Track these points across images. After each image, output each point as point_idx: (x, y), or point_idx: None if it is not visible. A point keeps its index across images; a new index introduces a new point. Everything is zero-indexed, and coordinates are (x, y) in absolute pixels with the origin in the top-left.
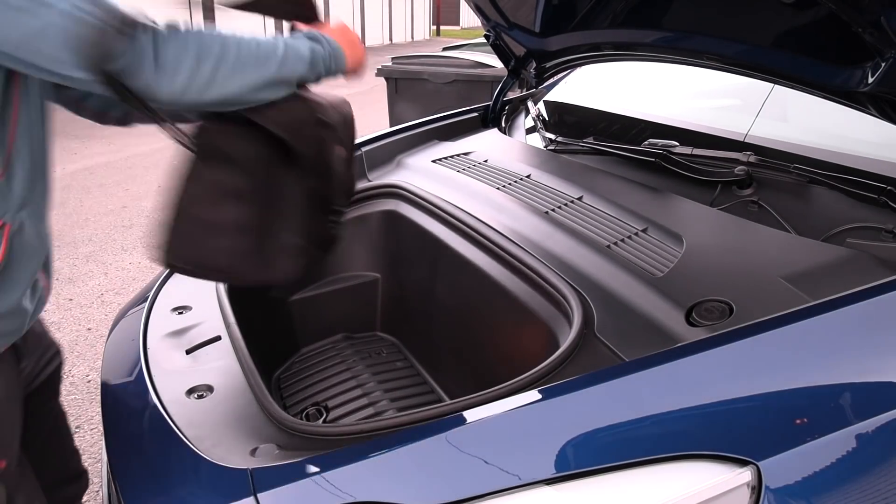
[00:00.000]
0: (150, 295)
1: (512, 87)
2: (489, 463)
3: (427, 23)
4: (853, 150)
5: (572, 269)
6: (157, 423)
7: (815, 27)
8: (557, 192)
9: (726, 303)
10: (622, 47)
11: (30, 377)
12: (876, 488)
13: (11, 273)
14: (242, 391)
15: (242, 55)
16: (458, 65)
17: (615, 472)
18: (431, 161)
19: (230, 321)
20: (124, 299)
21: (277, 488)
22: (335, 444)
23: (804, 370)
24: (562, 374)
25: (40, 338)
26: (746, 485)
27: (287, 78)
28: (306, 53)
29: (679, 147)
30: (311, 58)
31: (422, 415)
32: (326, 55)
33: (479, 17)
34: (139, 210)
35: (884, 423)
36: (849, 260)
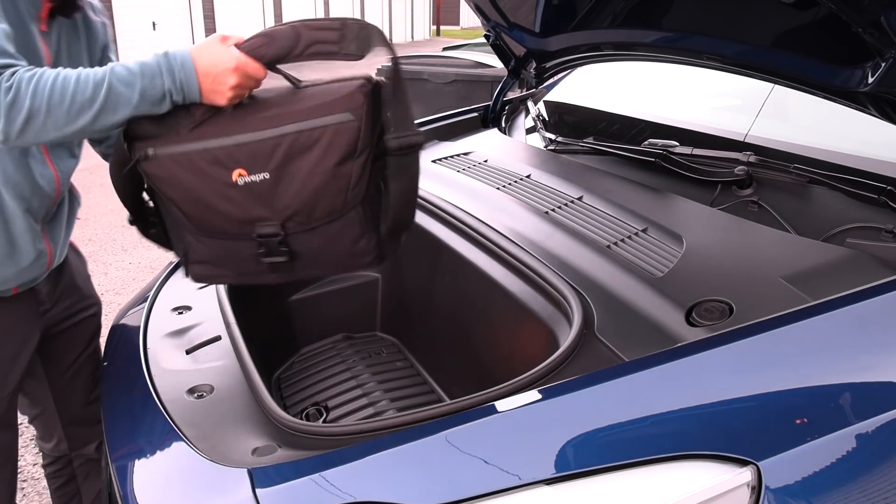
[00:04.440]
0: (150, 295)
1: (512, 87)
2: (489, 463)
3: (427, 23)
4: (853, 150)
5: (572, 269)
6: (157, 423)
7: (815, 27)
8: (557, 192)
9: (726, 303)
10: (622, 47)
11: (54, 320)
12: (876, 488)
13: None
14: (242, 391)
15: (59, 109)
16: (458, 65)
17: (615, 472)
18: (431, 161)
19: (230, 321)
20: (124, 299)
21: (277, 488)
22: (335, 444)
23: (804, 370)
24: (562, 374)
25: (77, 289)
26: (746, 485)
27: (112, 119)
28: (133, 96)
29: (679, 147)
30: (144, 97)
31: (422, 415)
32: (172, 88)
33: (479, 17)
34: None
35: (884, 423)
36: (849, 260)
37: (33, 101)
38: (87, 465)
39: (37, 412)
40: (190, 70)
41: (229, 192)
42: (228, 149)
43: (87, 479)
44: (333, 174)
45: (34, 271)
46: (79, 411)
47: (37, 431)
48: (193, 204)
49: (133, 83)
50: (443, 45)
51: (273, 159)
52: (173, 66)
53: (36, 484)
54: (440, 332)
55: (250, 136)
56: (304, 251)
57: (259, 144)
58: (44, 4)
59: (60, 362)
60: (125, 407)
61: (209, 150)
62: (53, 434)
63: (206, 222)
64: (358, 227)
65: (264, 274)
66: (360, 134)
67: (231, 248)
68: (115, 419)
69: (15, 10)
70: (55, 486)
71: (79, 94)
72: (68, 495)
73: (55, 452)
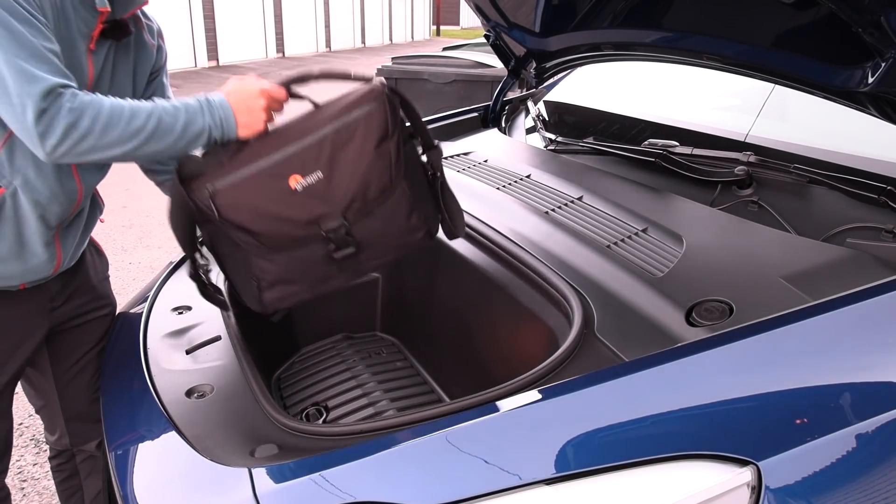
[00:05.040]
0: (150, 295)
1: (512, 87)
2: (489, 463)
3: (427, 23)
4: (853, 150)
5: (572, 269)
6: (157, 423)
7: (815, 27)
8: (557, 192)
9: (726, 303)
10: (622, 47)
11: (64, 317)
12: (876, 488)
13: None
14: (242, 391)
15: (111, 133)
16: (458, 65)
17: (615, 472)
18: None
19: (230, 321)
20: (124, 299)
21: (277, 488)
22: (335, 444)
23: (804, 370)
24: (562, 374)
25: (91, 288)
26: (746, 485)
27: (161, 147)
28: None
29: (679, 147)
30: (186, 131)
31: (422, 415)
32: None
33: (479, 17)
34: (139, 210)
35: (884, 423)
36: (849, 260)
37: (90, 125)
38: (89, 461)
39: (41, 403)
40: (227, 107)
41: (291, 199)
42: (279, 162)
43: (89, 476)
44: (377, 154)
45: (41, 272)
46: (81, 408)
47: (42, 422)
48: (261, 220)
49: (177, 117)
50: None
51: (322, 158)
52: (213, 105)
53: (36, 484)
54: (440, 332)
55: (295, 146)
56: (367, 238)
57: (305, 150)
58: (97, 25)
59: (67, 358)
60: (125, 407)
61: (262, 169)
62: (56, 427)
63: (276, 235)
64: (407, 203)
65: (334, 278)
66: (387, 117)
67: (302, 257)
68: (115, 419)
69: (67, 25)
70: (59, 480)
71: (132, 122)
72: (71, 490)
73: (58, 446)
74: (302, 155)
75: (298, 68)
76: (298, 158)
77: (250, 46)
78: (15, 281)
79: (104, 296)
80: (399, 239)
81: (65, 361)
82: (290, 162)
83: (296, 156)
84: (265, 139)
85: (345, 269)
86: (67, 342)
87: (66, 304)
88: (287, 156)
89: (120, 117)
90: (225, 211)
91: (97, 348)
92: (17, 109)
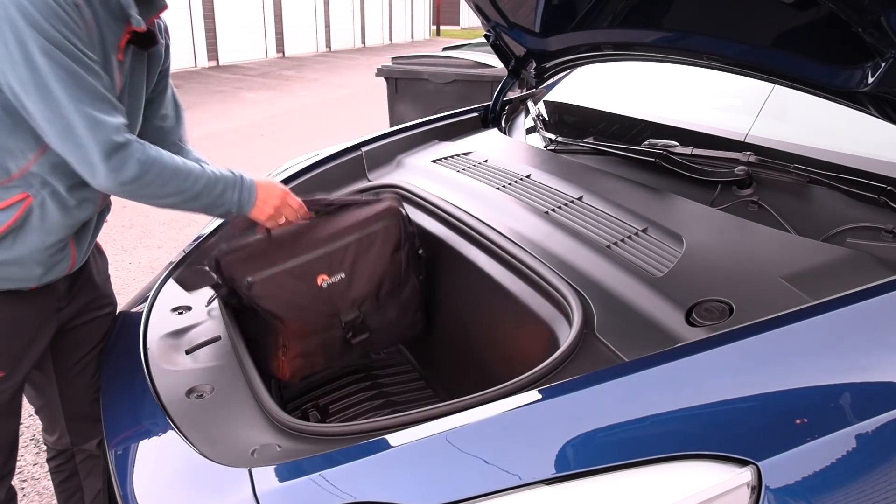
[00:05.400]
0: (150, 295)
1: (512, 87)
2: (489, 463)
3: (427, 23)
4: (853, 150)
5: (572, 269)
6: (157, 423)
7: (815, 27)
8: (557, 192)
9: (726, 303)
10: (622, 47)
11: (69, 316)
12: (876, 488)
13: (25, 235)
14: (242, 391)
15: (167, 188)
16: (458, 65)
17: (615, 472)
18: (431, 161)
19: (230, 321)
20: (124, 299)
21: (277, 488)
22: (335, 444)
23: (804, 370)
24: (562, 374)
25: (94, 287)
26: (746, 485)
27: (195, 205)
28: (213, 194)
29: (679, 147)
30: (219, 198)
31: (422, 415)
32: (237, 200)
33: (479, 17)
34: (139, 210)
35: (884, 423)
36: (849, 260)
37: (155, 178)
38: (89, 461)
39: (41, 403)
40: (254, 191)
41: (317, 294)
42: (310, 262)
43: (89, 476)
44: (391, 261)
45: (57, 273)
46: (82, 407)
47: (42, 423)
48: (290, 310)
49: (216, 184)
50: (443, 45)
51: (346, 262)
52: (244, 185)
53: (36, 484)
54: (440, 332)
55: (323, 249)
56: (378, 326)
57: (333, 254)
58: (124, 35)
59: (69, 357)
60: (125, 407)
61: (295, 266)
62: (56, 427)
63: (302, 323)
64: (411, 294)
65: (350, 354)
66: (401, 232)
67: (322, 339)
68: (115, 419)
69: (102, 42)
70: (58, 481)
71: (185, 181)
72: (70, 491)
73: (58, 446)
74: (329, 258)
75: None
76: (326, 261)
77: (250, 46)
78: (33, 282)
79: (106, 295)
80: (403, 326)
81: (67, 360)
82: (320, 263)
83: (324, 258)
84: (299, 240)
85: (357, 348)
86: (70, 341)
87: (71, 304)
88: (317, 257)
89: (177, 175)
90: (260, 300)
91: (98, 347)
92: (86, 150)
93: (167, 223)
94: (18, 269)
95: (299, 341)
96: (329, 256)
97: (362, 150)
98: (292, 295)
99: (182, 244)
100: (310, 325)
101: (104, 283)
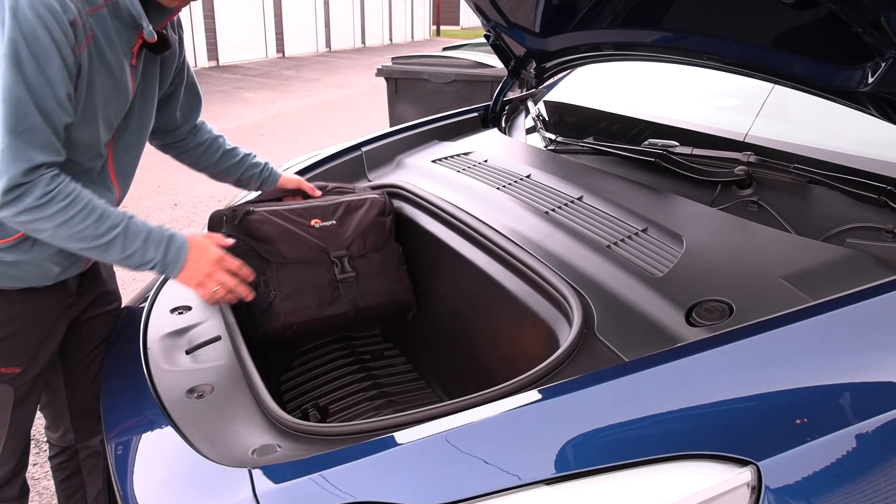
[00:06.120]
0: (150, 295)
1: (512, 87)
2: (489, 463)
3: (427, 23)
4: (853, 150)
5: (572, 269)
6: (157, 423)
7: (814, 27)
8: (557, 192)
9: (726, 303)
10: (622, 47)
11: (77, 312)
12: (876, 488)
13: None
14: (242, 391)
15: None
16: (458, 65)
17: (615, 472)
18: (431, 161)
19: (230, 321)
20: (124, 299)
21: (277, 488)
22: (335, 444)
23: (804, 370)
24: (562, 374)
25: (102, 283)
26: (746, 485)
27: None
28: (126, 252)
29: (679, 147)
30: (131, 257)
31: (422, 415)
32: (159, 261)
33: (479, 17)
34: (139, 210)
35: (884, 423)
36: (849, 260)
37: (56, 216)
38: (92, 458)
39: (48, 399)
40: (183, 253)
41: (310, 231)
42: (306, 208)
43: (91, 473)
44: (375, 221)
45: (73, 270)
46: (88, 403)
47: (45, 420)
48: (284, 237)
49: (135, 239)
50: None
51: (336, 213)
52: (172, 246)
53: (36, 484)
54: (440, 332)
55: (319, 202)
56: (364, 271)
57: (326, 206)
58: (137, 41)
59: (76, 353)
60: (125, 406)
61: (292, 208)
62: (60, 424)
63: (297, 251)
64: (396, 259)
65: (337, 302)
66: (386, 206)
67: (313, 276)
68: (116, 419)
69: (113, 51)
70: (60, 479)
71: (91, 229)
72: (72, 488)
73: (61, 443)
74: (323, 209)
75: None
76: (320, 210)
77: (250, 46)
78: (49, 280)
79: (113, 290)
80: (390, 283)
81: (75, 356)
82: (314, 210)
83: (318, 208)
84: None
85: (346, 295)
86: (78, 337)
87: (80, 300)
88: (313, 205)
89: (84, 221)
90: (258, 228)
91: (105, 343)
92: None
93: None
94: (37, 269)
95: (290, 276)
96: (323, 208)
97: (362, 150)
98: (288, 226)
99: None
100: (301, 253)
101: (110, 278)
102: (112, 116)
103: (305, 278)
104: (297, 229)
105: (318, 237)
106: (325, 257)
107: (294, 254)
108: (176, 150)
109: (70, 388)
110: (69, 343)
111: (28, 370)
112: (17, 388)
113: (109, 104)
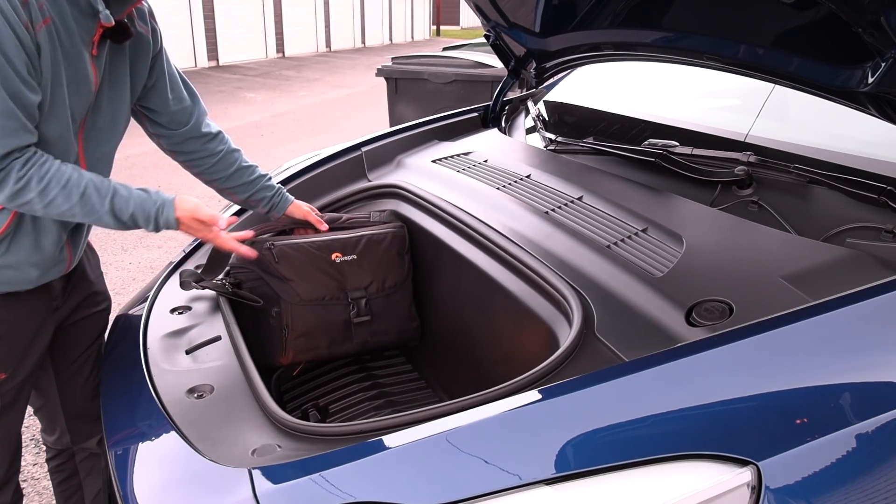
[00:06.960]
0: (150, 295)
1: (512, 87)
2: (489, 463)
3: (427, 23)
4: (853, 150)
5: (572, 269)
6: (157, 424)
7: (814, 27)
8: (557, 192)
9: (726, 303)
10: (622, 47)
11: (64, 314)
12: (876, 488)
13: (20, 239)
14: (242, 391)
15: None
16: (458, 65)
17: (615, 472)
18: (431, 161)
19: (230, 321)
20: (124, 299)
21: (277, 488)
22: (335, 444)
23: (804, 370)
24: (562, 374)
25: (89, 284)
26: (746, 485)
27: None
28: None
29: (679, 147)
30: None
31: (422, 415)
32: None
33: (479, 17)
34: None
35: (884, 423)
36: (849, 260)
37: (37, 200)
38: (89, 460)
39: (41, 403)
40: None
41: (329, 268)
42: (327, 241)
43: (89, 475)
44: (396, 258)
45: (55, 273)
46: (82, 405)
47: (40, 423)
48: (302, 274)
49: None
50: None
51: (358, 248)
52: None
53: (36, 484)
54: (440, 332)
55: (341, 235)
56: (379, 312)
57: (348, 239)
58: (97, 30)
59: (67, 355)
60: (125, 407)
61: (313, 241)
62: (56, 427)
63: (313, 292)
64: (410, 298)
65: (348, 342)
66: (405, 241)
67: (327, 316)
68: (115, 419)
69: (71, 39)
70: (58, 481)
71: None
72: (70, 490)
73: (58, 445)
74: (344, 242)
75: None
76: (341, 243)
77: (250, 46)
78: (30, 284)
79: (101, 291)
80: (400, 323)
81: (65, 358)
82: (336, 243)
83: (340, 241)
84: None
85: (357, 336)
86: (67, 339)
87: (66, 302)
88: (334, 239)
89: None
90: (277, 263)
91: (96, 344)
92: None
93: None
94: (15, 273)
95: (304, 315)
96: (344, 241)
97: (362, 150)
98: (308, 260)
99: (182, 244)
100: (317, 294)
101: (98, 279)
102: (76, 108)
103: (320, 318)
104: (316, 268)
105: (338, 274)
106: (342, 297)
107: (310, 295)
108: (187, 156)
109: (63, 391)
110: (58, 346)
111: (14, 376)
112: (3, 395)
113: (72, 95)
